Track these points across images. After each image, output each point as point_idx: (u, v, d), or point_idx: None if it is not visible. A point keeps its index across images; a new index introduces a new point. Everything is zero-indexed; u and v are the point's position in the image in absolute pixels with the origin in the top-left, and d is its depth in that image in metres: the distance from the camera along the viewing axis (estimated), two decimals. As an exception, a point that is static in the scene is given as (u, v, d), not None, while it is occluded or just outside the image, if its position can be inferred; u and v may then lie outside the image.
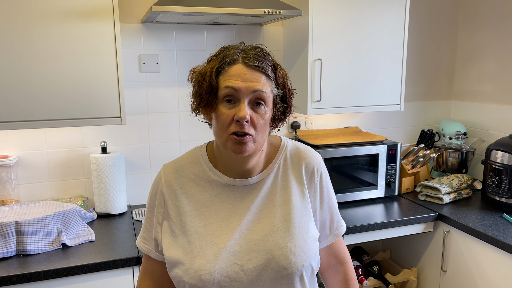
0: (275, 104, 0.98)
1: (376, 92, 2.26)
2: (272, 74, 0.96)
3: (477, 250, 1.93)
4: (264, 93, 0.93)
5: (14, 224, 1.65)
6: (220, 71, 0.94)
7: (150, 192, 1.08)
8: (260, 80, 0.92)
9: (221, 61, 0.94)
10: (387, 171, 2.31)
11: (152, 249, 1.06)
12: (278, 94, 0.98)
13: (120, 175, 2.10)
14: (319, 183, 1.07)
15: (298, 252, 0.97)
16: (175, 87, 2.26)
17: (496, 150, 2.15)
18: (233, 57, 0.94)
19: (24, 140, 2.05)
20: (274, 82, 0.96)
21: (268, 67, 0.95)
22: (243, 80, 0.91)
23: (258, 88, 0.92)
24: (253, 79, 0.92)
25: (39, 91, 1.72)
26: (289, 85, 1.01)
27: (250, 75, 0.92)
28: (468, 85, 2.72)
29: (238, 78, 0.91)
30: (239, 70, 0.92)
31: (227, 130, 0.93)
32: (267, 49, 1.00)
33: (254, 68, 0.93)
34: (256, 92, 0.92)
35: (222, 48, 0.99)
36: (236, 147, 0.93)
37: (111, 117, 1.85)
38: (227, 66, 0.93)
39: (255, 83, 0.92)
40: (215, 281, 0.94)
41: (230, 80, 0.92)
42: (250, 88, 0.91)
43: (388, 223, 2.03)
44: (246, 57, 0.94)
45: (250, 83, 0.91)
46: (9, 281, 1.49)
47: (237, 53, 0.95)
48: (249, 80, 0.91)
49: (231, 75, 0.92)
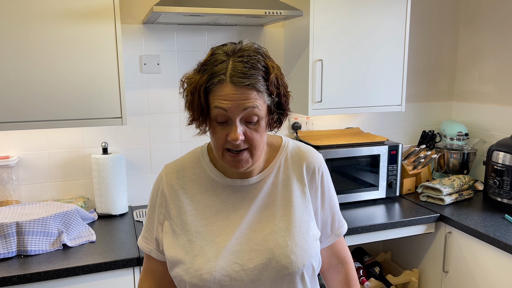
0: (270, 111, 0.95)
1: (377, 93, 2.26)
2: (263, 86, 0.91)
3: (478, 251, 1.93)
4: (255, 108, 0.90)
5: (15, 225, 1.65)
6: (208, 91, 0.91)
7: (152, 192, 1.08)
8: (251, 97, 0.89)
9: (208, 81, 0.90)
10: (388, 172, 2.31)
11: (153, 248, 1.06)
12: (272, 103, 0.94)
13: (121, 176, 2.10)
14: (320, 183, 1.07)
15: (299, 251, 0.97)
16: (176, 88, 2.26)
17: (497, 151, 2.14)
18: (219, 76, 0.89)
19: (25, 140, 2.05)
20: (266, 92, 0.92)
21: (258, 79, 0.90)
22: (232, 100, 0.88)
23: (248, 106, 0.89)
24: (243, 97, 0.88)
25: (40, 91, 1.73)
26: (284, 88, 0.96)
27: (240, 94, 0.88)
28: (469, 86, 2.72)
29: (227, 98, 0.88)
30: (227, 90, 0.88)
31: (222, 145, 0.94)
32: (258, 48, 0.94)
33: (243, 87, 0.88)
34: (247, 110, 0.89)
35: (211, 54, 0.94)
36: (233, 163, 0.95)
37: (112, 118, 1.85)
38: (215, 86, 0.89)
39: (245, 101, 0.88)
40: (215, 280, 0.94)
41: (219, 100, 0.89)
42: (241, 107, 0.89)
43: (390, 224, 2.02)
44: (233, 75, 0.88)
45: (239, 101, 0.88)
46: (10, 282, 1.49)
47: (224, 70, 0.89)
48: (238, 99, 0.88)
49: (219, 95, 0.89)
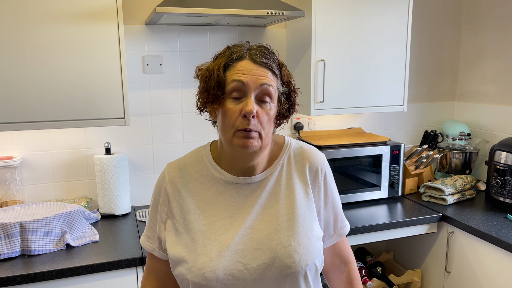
0: (280, 101, 1.00)
1: (379, 93, 2.26)
2: (278, 72, 0.99)
3: (481, 251, 1.93)
4: (270, 87, 0.95)
5: (18, 225, 1.66)
6: (227, 67, 0.96)
7: (154, 191, 1.08)
8: (267, 75, 0.95)
9: (229, 57, 0.97)
10: (391, 172, 2.31)
11: (156, 247, 1.07)
12: (284, 91, 1.00)
13: (123, 176, 2.11)
14: (323, 183, 1.07)
15: (302, 250, 0.97)
16: (178, 89, 2.26)
17: (500, 150, 2.14)
18: (240, 53, 0.96)
19: (29, 141, 2.06)
20: (279, 79, 0.99)
21: (274, 64, 0.98)
22: (250, 74, 0.93)
23: (265, 82, 0.94)
24: (260, 73, 0.94)
25: (43, 92, 1.73)
26: (293, 84, 1.04)
27: (257, 70, 0.94)
28: (471, 86, 2.72)
29: (245, 72, 0.94)
30: (246, 65, 0.95)
31: (234, 126, 0.94)
32: (272, 49, 1.02)
33: (261, 64, 0.95)
34: (263, 86, 0.94)
35: (228, 47, 1.01)
36: (242, 142, 0.94)
37: (115, 118, 1.85)
38: (235, 61, 0.96)
39: (262, 77, 0.94)
40: (218, 279, 0.94)
41: (237, 74, 0.94)
42: (257, 82, 0.94)
43: (392, 223, 2.02)
44: (253, 53, 0.96)
45: (257, 77, 0.94)
46: (14, 281, 1.50)
47: (244, 50, 0.97)
48: (256, 74, 0.94)
49: (238, 69, 0.94)
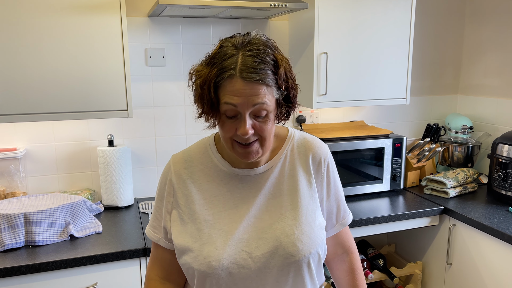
0: (279, 104, 0.96)
1: (382, 86, 2.26)
2: (272, 80, 0.91)
3: (482, 243, 1.94)
4: (264, 104, 0.91)
5: (22, 216, 1.67)
6: (218, 86, 0.91)
7: (160, 182, 1.09)
8: (260, 92, 0.90)
9: (218, 76, 0.90)
10: (393, 164, 2.31)
11: (162, 237, 1.07)
12: (281, 95, 0.96)
13: (126, 168, 2.12)
14: (326, 173, 1.08)
15: (305, 239, 0.98)
16: (181, 81, 2.26)
17: (502, 144, 2.14)
18: (229, 71, 0.89)
19: (32, 133, 2.07)
20: (275, 86, 0.93)
21: (268, 73, 0.90)
22: (241, 96, 0.89)
23: (258, 102, 0.90)
24: (253, 93, 0.89)
25: (46, 84, 1.74)
26: (292, 81, 0.97)
27: (249, 89, 0.89)
28: (474, 79, 2.71)
29: (237, 94, 0.89)
30: (237, 85, 0.89)
31: (231, 138, 0.95)
32: (267, 41, 0.95)
33: (253, 82, 0.89)
34: (257, 106, 0.90)
35: (220, 47, 0.94)
36: (243, 154, 0.96)
37: (118, 110, 1.86)
38: (225, 81, 0.90)
39: (255, 97, 0.89)
40: (223, 267, 0.95)
41: (229, 96, 0.89)
42: (250, 103, 0.90)
43: (394, 216, 2.03)
44: (243, 70, 0.88)
45: (249, 97, 0.89)
46: (19, 271, 1.51)
47: (233, 64, 0.89)
48: (248, 94, 0.89)
49: (229, 90, 0.89)
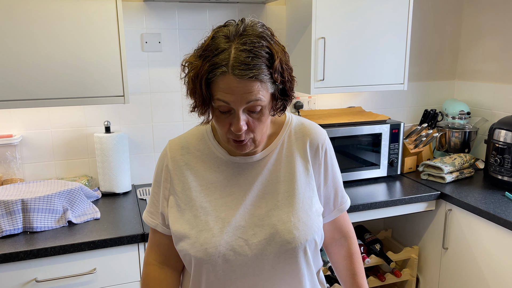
0: (274, 97, 0.94)
1: (380, 71, 2.25)
2: (267, 75, 0.87)
3: (478, 228, 1.95)
4: (258, 101, 0.88)
5: (20, 202, 1.67)
6: (210, 82, 0.88)
7: (156, 167, 1.09)
8: (253, 89, 0.86)
9: (210, 72, 0.87)
10: (390, 150, 2.32)
11: (159, 223, 1.08)
12: (276, 89, 0.92)
13: (124, 155, 2.11)
14: (323, 159, 1.08)
15: (301, 226, 0.99)
16: (177, 67, 2.25)
17: (499, 129, 2.15)
18: (221, 68, 0.85)
19: (28, 119, 2.05)
20: (270, 81, 0.89)
21: (262, 69, 0.86)
22: (234, 93, 0.86)
23: (251, 99, 0.87)
24: (246, 90, 0.86)
25: (41, 69, 1.72)
26: (288, 73, 0.93)
27: (242, 87, 0.85)
28: (472, 64, 2.70)
29: (229, 91, 0.86)
30: (229, 83, 0.85)
31: (225, 134, 0.95)
32: (262, 32, 0.89)
33: (246, 79, 0.85)
34: (250, 102, 0.88)
35: (212, 38, 0.89)
36: (237, 148, 0.96)
37: (115, 96, 1.84)
38: (217, 77, 0.86)
39: (248, 94, 0.86)
40: (220, 254, 0.96)
41: (221, 93, 0.87)
42: (244, 100, 0.87)
43: (391, 201, 2.04)
44: (235, 67, 0.84)
45: (242, 95, 0.86)
46: (17, 257, 1.52)
47: (225, 60, 0.85)
48: (241, 92, 0.86)
49: (221, 87, 0.86)
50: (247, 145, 0.96)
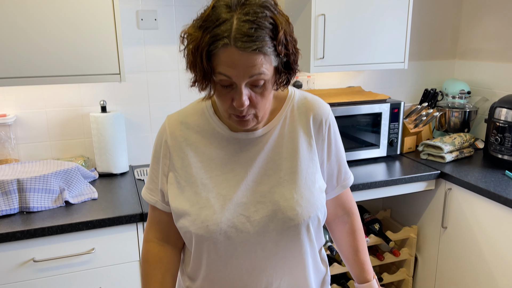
0: (278, 71, 0.90)
1: (381, 50, 2.21)
2: (271, 47, 0.83)
3: (478, 206, 1.95)
4: (262, 74, 0.84)
5: (16, 182, 1.64)
6: (211, 54, 0.84)
7: (155, 143, 1.06)
8: (256, 62, 0.82)
9: (211, 44, 0.82)
10: (390, 130, 2.30)
11: (159, 200, 1.05)
12: (280, 62, 0.88)
13: (120, 134, 2.08)
14: (327, 135, 1.05)
15: (304, 203, 0.97)
16: (174, 45, 2.20)
17: (500, 107, 2.12)
18: (223, 40, 0.80)
19: (22, 99, 2.01)
20: (273, 53, 0.85)
21: (265, 40, 0.82)
22: (236, 67, 0.82)
23: (254, 73, 0.83)
24: (248, 63, 0.82)
25: (35, 47, 1.67)
26: (292, 45, 0.89)
27: (245, 60, 0.81)
28: (472, 43, 2.66)
29: (231, 65, 0.82)
30: (231, 55, 0.81)
31: (227, 110, 0.91)
32: (265, 1, 0.84)
33: (249, 52, 0.81)
34: (253, 77, 0.84)
35: (212, 7, 0.84)
36: (239, 124, 0.93)
37: (110, 74, 1.80)
38: (218, 50, 0.82)
39: (251, 68, 0.82)
40: (221, 231, 0.94)
41: (223, 66, 0.82)
42: (246, 74, 0.83)
43: (391, 181, 2.03)
44: (238, 38, 0.80)
45: (245, 68, 0.82)
46: (14, 237, 1.50)
47: (227, 31, 0.80)
48: (243, 65, 0.82)
49: (223, 60, 0.82)
50: (249, 121, 0.92)
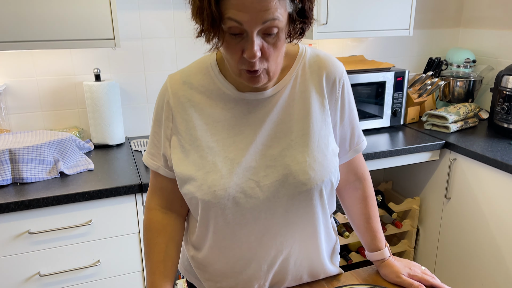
0: (292, 19, 0.81)
1: (386, 16, 2.12)
2: None
3: (484, 176, 1.91)
4: (275, 20, 0.76)
5: (7, 152, 1.56)
6: None
7: (156, 105, 0.99)
8: (270, 6, 0.74)
9: None
10: (394, 99, 2.23)
11: (161, 165, 0.99)
12: (295, 9, 0.80)
13: (116, 104, 1.99)
14: (340, 95, 0.98)
15: (317, 167, 0.91)
16: (170, 10, 2.09)
17: (508, 75, 2.06)
18: None
19: (11, 66, 1.91)
20: None
21: None
22: (248, 11, 0.73)
23: (267, 18, 0.75)
24: (262, 7, 0.73)
25: (24, 9, 1.57)
26: None
27: (257, 3, 0.73)
28: (477, 11, 2.58)
29: (243, 8, 0.73)
30: None
31: (237, 65, 0.82)
32: None
33: None
34: (267, 23, 0.75)
35: None
36: (250, 81, 0.84)
37: (104, 39, 1.71)
38: None
39: (264, 12, 0.74)
40: (229, 197, 0.88)
41: (233, 11, 0.74)
42: (259, 19, 0.75)
43: (395, 151, 1.98)
44: None
45: (258, 13, 0.74)
46: (7, 208, 1.43)
47: None
48: (256, 9, 0.73)
49: (233, 4, 0.74)
50: (261, 77, 0.84)
